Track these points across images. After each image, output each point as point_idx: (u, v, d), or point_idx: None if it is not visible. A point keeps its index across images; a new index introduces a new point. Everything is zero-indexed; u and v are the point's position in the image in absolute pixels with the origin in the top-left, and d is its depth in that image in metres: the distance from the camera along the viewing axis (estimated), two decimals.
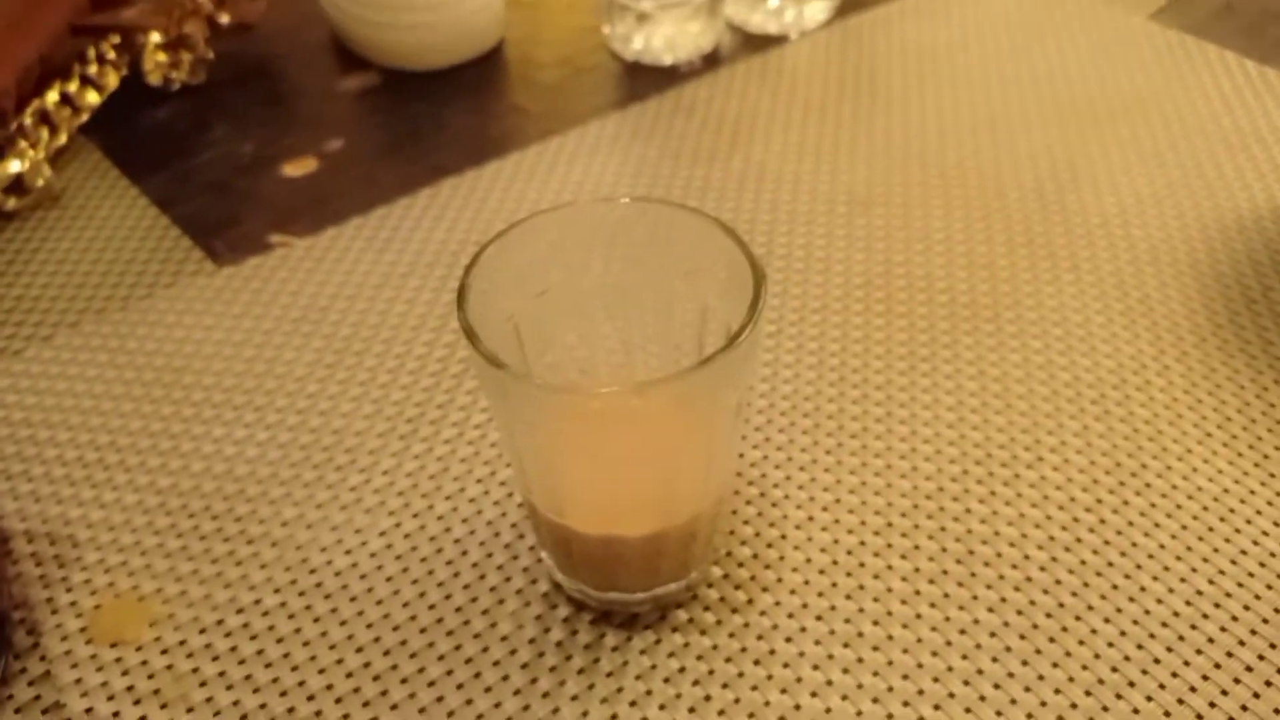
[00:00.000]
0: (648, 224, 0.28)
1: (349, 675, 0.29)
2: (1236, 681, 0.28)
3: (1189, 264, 0.40)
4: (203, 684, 0.28)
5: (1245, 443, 0.34)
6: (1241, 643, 0.29)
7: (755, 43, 0.54)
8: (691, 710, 0.28)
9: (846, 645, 0.29)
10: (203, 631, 0.30)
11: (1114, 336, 0.38)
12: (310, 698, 0.28)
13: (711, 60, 0.53)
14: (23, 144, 0.45)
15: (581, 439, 0.26)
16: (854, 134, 0.48)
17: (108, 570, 0.31)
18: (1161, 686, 0.28)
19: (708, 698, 0.28)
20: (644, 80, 0.52)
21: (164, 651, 0.29)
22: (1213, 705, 0.27)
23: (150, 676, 0.29)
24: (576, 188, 0.45)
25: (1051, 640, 0.29)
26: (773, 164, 0.46)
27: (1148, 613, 0.29)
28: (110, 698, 0.28)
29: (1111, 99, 0.49)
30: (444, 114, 0.50)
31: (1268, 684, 0.28)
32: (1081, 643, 0.29)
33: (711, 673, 0.28)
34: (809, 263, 0.41)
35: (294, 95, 0.52)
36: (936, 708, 0.27)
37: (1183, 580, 0.30)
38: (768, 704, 0.28)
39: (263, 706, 0.28)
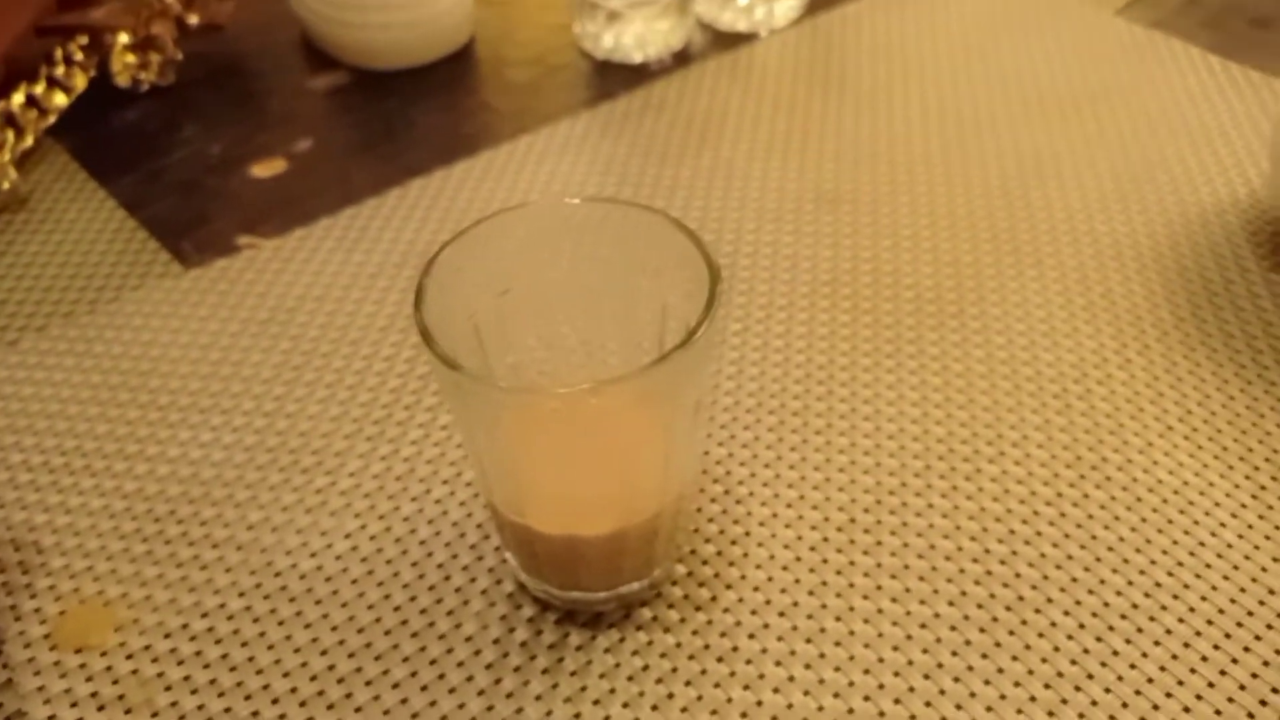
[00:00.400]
0: (610, 224, 0.28)
1: (313, 678, 0.29)
2: (1192, 671, 0.28)
3: (1152, 258, 0.41)
4: (167, 688, 0.28)
5: (1206, 435, 0.34)
6: (1198, 633, 0.29)
7: (725, 40, 0.54)
8: (655, 708, 0.28)
9: (809, 641, 0.29)
10: (168, 636, 0.30)
11: (1076, 331, 0.38)
12: (274, 700, 0.28)
13: (681, 58, 0.53)
14: None
15: (540, 439, 0.26)
16: (822, 131, 0.48)
17: (73, 575, 0.31)
18: (1120, 678, 0.28)
19: (671, 695, 0.28)
20: (614, 78, 0.52)
21: (129, 656, 0.29)
22: (1169, 695, 0.28)
23: (115, 682, 0.29)
24: (546, 186, 0.45)
25: (1011, 633, 0.29)
26: (741, 161, 0.46)
27: (1107, 605, 0.30)
28: (74, 704, 0.28)
29: (1078, 94, 0.50)
30: (414, 113, 0.50)
31: (1222, 673, 0.28)
32: (1041, 635, 0.29)
33: (675, 670, 0.28)
34: (776, 259, 0.41)
35: (263, 95, 0.52)
36: (897, 701, 0.28)
37: (1142, 573, 0.30)
38: (730, 700, 0.28)
39: (227, 710, 0.28)
